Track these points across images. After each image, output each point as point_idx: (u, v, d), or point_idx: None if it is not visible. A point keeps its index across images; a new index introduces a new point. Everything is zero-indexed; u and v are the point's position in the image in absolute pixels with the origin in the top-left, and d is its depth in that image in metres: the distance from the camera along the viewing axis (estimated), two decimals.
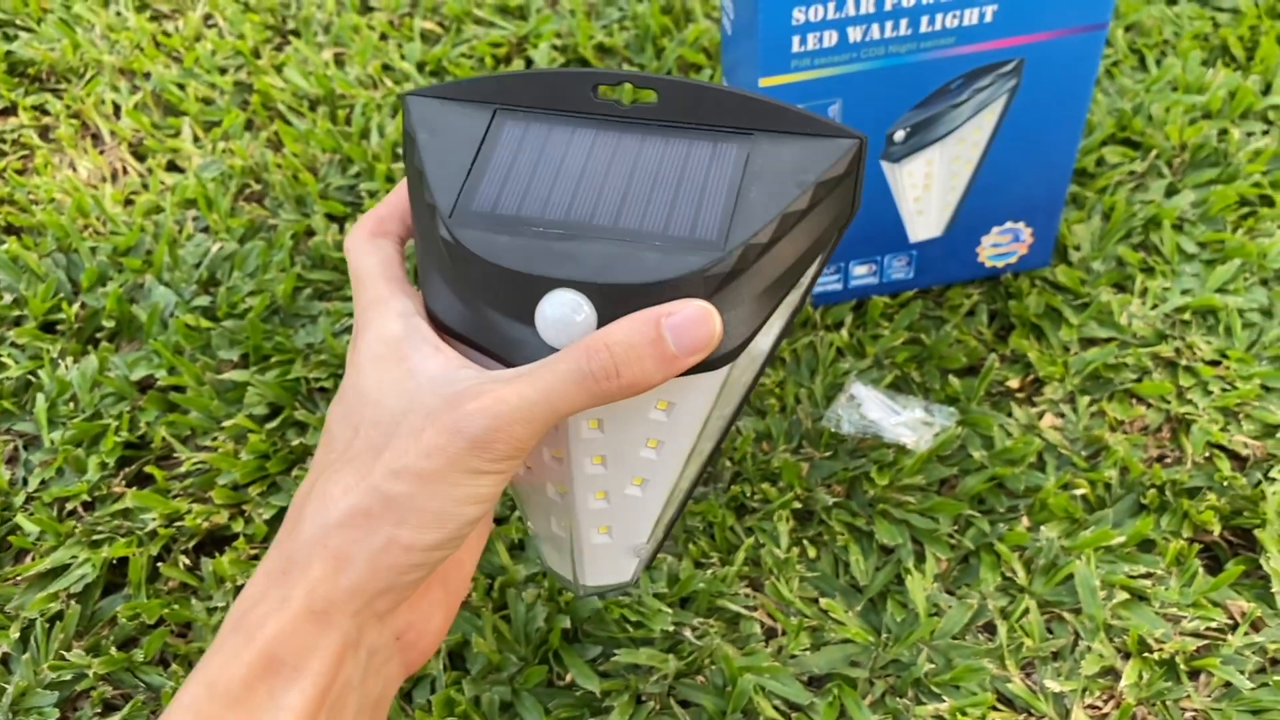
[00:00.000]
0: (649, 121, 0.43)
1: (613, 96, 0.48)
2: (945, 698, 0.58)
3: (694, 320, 0.38)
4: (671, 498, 0.46)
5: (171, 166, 0.90)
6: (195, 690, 0.37)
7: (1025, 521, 0.65)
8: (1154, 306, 0.74)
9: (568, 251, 0.40)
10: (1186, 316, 0.74)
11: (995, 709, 0.58)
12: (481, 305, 0.40)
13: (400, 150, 0.87)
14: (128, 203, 0.86)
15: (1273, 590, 0.61)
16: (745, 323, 0.40)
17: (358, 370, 0.41)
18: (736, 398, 0.46)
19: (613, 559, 0.48)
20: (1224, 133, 0.84)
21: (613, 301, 0.39)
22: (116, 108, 0.94)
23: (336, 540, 0.38)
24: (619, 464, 0.43)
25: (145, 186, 0.88)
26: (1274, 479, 0.65)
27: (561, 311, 0.39)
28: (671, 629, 0.60)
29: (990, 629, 0.61)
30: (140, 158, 0.90)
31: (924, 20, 0.61)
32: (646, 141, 0.42)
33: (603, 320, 0.39)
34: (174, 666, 0.61)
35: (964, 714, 0.57)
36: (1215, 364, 0.71)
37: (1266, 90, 0.88)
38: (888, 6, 0.59)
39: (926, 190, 0.69)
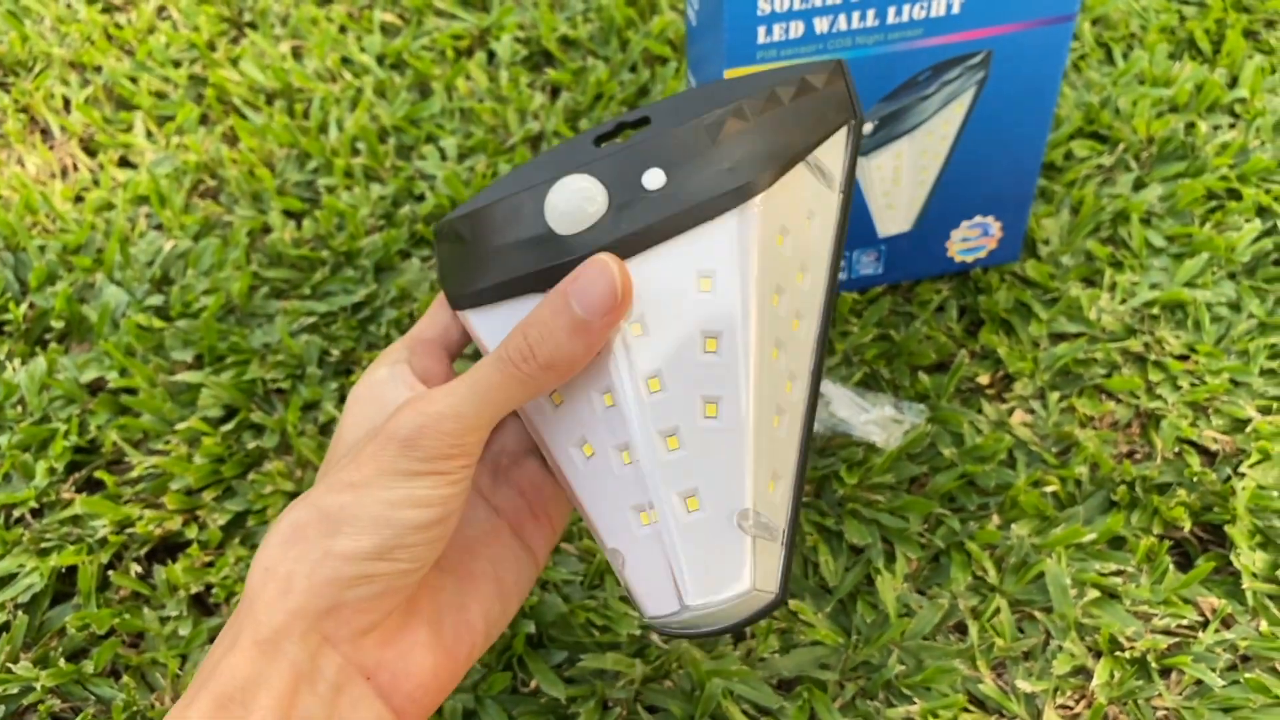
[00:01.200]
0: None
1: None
2: (916, 700, 0.57)
3: (591, 278, 0.38)
4: (762, 441, 0.40)
5: (123, 162, 0.87)
6: None
7: (996, 519, 0.64)
8: (1123, 301, 0.74)
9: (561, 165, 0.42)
10: (1155, 311, 0.73)
11: (967, 710, 0.57)
12: (501, 248, 0.42)
13: (359, 145, 0.85)
14: (78, 199, 0.84)
15: (1243, 587, 0.60)
16: (724, 177, 0.40)
17: (343, 414, 0.43)
18: (795, 288, 0.42)
19: (715, 546, 0.40)
20: (1191, 126, 0.84)
21: (626, 176, 0.40)
22: (66, 102, 0.92)
23: (281, 564, 0.38)
24: (679, 377, 0.40)
25: (96, 183, 0.85)
26: (1243, 474, 0.65)
27: (573, 201, 0.39)
28: (638, 633, 0.59)
29: (961, 629, 0.61)
30: (91, 153, 0.88)
31: (891, 11, 0.60)
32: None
33: (622, 214, 0.40)
34: (125, 678, 0.59)
35: (935, 716, 0.56)
36: (1184, 358, 0.71)
37: (1233, 83, 0.88)
38: None
39: (895, 184, 0.68)
